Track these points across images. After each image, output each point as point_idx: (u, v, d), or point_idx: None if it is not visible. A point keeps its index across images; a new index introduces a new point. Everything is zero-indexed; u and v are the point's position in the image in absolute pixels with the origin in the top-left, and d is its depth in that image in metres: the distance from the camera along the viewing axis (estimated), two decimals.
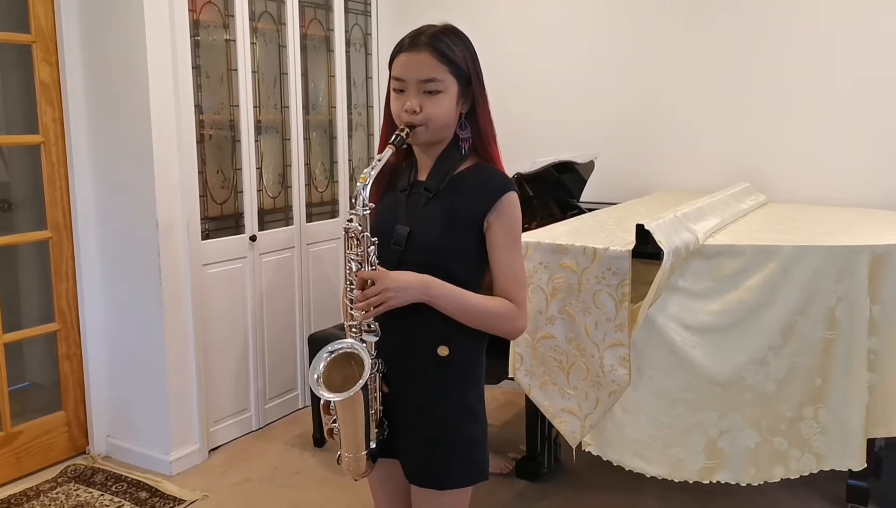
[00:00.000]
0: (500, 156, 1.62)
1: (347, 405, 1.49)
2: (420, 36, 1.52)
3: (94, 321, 3.19)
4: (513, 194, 1.55)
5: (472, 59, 1.57)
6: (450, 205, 1.54)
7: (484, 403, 1.65)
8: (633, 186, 3.62)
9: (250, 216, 3.41)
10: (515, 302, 1.54)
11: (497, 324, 1.56)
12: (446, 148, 1.58)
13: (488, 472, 1.64)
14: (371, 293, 1.46)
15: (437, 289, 1.50)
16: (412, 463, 1.61)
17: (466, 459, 1.59)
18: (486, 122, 1.60)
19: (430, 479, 1.59)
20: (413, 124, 1.51)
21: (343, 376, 1.50)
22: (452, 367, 1.57)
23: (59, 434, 3.17)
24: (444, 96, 1.52)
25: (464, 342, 1.57)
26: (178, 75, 2.99)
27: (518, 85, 3.89)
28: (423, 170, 1.60)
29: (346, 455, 1.58)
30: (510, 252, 1.55)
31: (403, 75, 1.52)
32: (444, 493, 1.59)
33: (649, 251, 2.19)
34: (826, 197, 3.27)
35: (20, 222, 3.36)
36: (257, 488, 2.98)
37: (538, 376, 2.39)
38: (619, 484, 2.88)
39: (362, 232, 1.47)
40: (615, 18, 3.68)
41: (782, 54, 3.33)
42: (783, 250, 2.28)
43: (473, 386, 1.62)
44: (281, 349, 3.63)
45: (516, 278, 1.55)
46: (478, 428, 1.62)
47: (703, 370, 2.30)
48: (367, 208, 1.47)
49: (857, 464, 2.31)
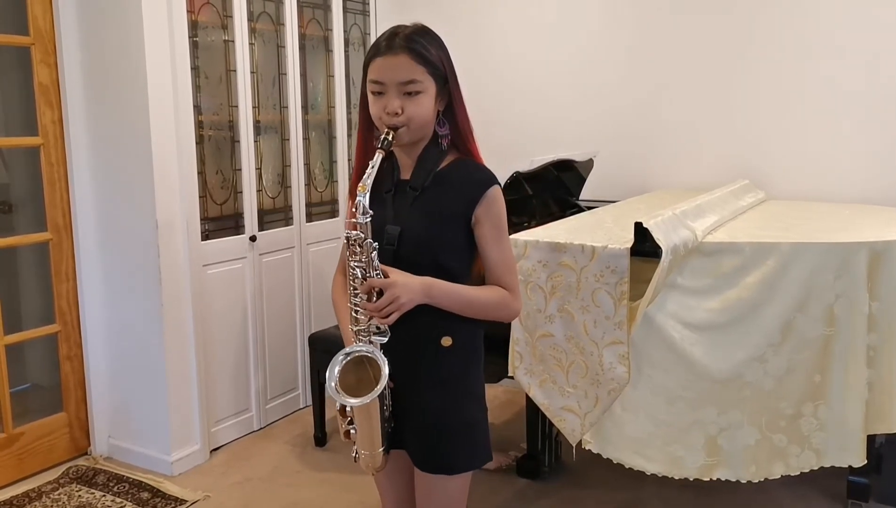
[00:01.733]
0: (478, 150, 1.66)
1: (364, 406, 1.53)
2: (395, 38, 1.55)
3: (95, 322, 3.20)
4: (496, 187, 1.61)
5: (447, 58, 1.60)
6: (437, 201, 1.59)
7: (484, 386, 1.72)
8: (632, 185, 3.62)
9: (250, 217, 3.41)
10: (508, 288, 1.61)
11: (495, 312, 1.62)
12: (427, 146, 1.62)
13: (491, 452, 1.70)
14: (383, 303, 1.50)
15: (437, 290, 1.56)
16: (420, 451, 1.64)
17: (473, 441, 1.65)
18: (463, 118, 1.64)
19: (440, 465, 1.63)
20: (395, 126, 1.53)
21: (357, 377, 1.54)
22: (455, 355, 1.62)
23: (60, 435, 3.18)
24: (423, 96, 1.55)
25: (465, 330, 1.63)
26: (177, 76, 2.99)
27: (517, 83, 3.89)
28: (406, 169, 1.64)
29: (363, 452, 1.61)
30: (499, 243, 1.61)
31: (382, 78, 1.54)
32: (452, 477, 1.63)
33: (648, 249, 2.19)
34: (825, 194, 3.27)
35: (20, 223, 3.37)
36: (258, 487, 2.99)
37: (537, 374, 2.40)
38: (619, 482, 2.89)
39: (364, 239, 1.50)
40: (614, 16, 3.68)
41: (781, 52, 3.32)
42: (782, 248, 2.28)
43: (475, 371, 1.68)
44: (281, 349, 3.64)
45: (507, 266, 1.62)
46: (481, 411, 1.69)
47: (702, 367, 2.30)
48: (367, 216, 1.50)
49: (857, 461, 2.31)
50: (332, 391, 1.51)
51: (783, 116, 3.36)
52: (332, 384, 1.51)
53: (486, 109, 3.82)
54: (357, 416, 1.57)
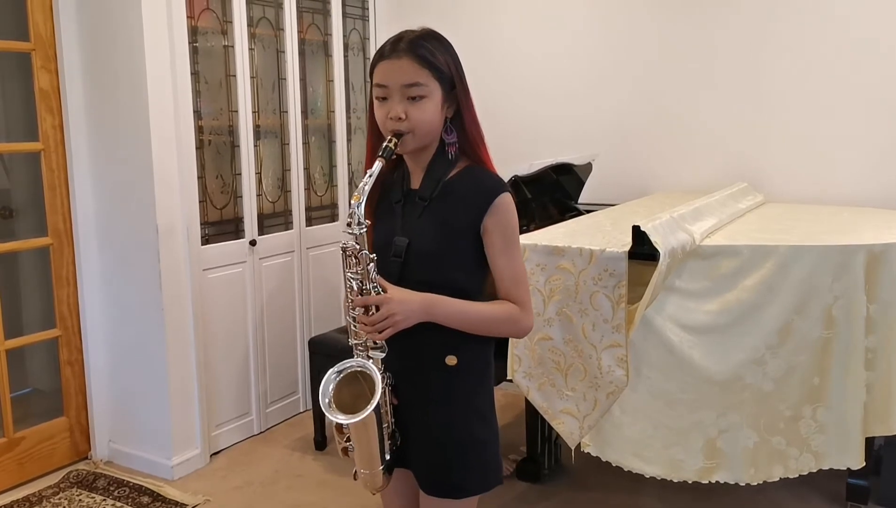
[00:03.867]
0: (489, 157, 1.59)
1: (360, 424, 1.47)
2: (400, 42, 1.50)
3: (95, 327, 3.20)
4: (506, 194, 1.52)
5: (455, 63, 1.54)
6: (445, 213, 1.52)
7: (494, 406, 1.64)
8: (631, 188, 3.62)
9: (250, 221, 3.42)
10: (518, 303, 1.53)
11: (502, 328, 1.55)
12: (435, 154, 1.56)
13: (502, 476, 1.62)
14: (377, 319, 1.45)
15: (440, 309, 1.49)
16: (426, 473, 1.59)
17: (480, 463, 1.57)
18: (472, 125, 1.57)
19: (445, 489, 1.57)
20: (400, 132, 1.48)
21: (353, 394, 1.48)
22: (461, 374, 1.55)
23: (61, 440, 3.19)
24: (428, 102, 1.49)
25: (471, 348, 1.56)
26: (177, 81, 3.00)
27: (516, 86, 3.90)
28: (415, 178, 1.59)
29: (362, 471, 1.56)
30: (509, 254, 1.52)
31: (386, 82, 1.50)
32: (458, 501, 1.57)
33: (646, 252, 2.19)
34: (823, 197, 3.27)
35: (21, 228, 3.37)
36: (259, 491, 2.99)
37: (536, 377, 2.40)
38: (618, 485, 2.89)
39: (360, 250, 1.45)
40: (614, 20, 3.69)
41: (780, 55, 3.33)
42: (780, 250, 2.28)
43: (483, 390, 1.61)
44: (282, 353, 3.64)
45: (517, 279, 1.53)
46: (489, 432, 1.60)
47: (701, 369, 2.30)
48: (363, 227, 1.45)
49: (855, 463, 2.31)
50: (325, 408, 1.45)
51: (781, 118, 3.36)
52: (325, 401, 1.46)
53: (485, 112, 3.83)
54: (354, 434, 1.51)
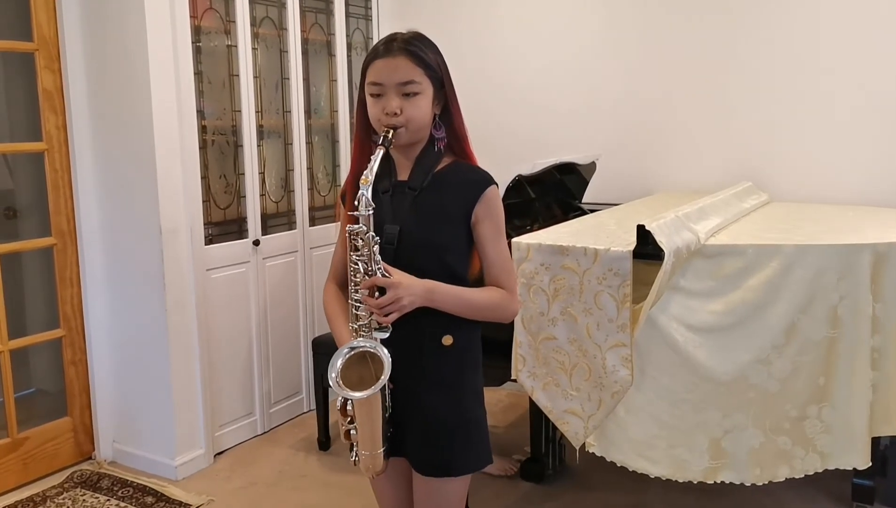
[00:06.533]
0: (474, 154, 1.70)
1: (365, 403, 1.53)
2: (393, 42, 1.59)
3: (99, 327, 3.20)
4: (494, 187, 1.64)
5: (443, 63, 1.64)
6: (436, 201, 1.62)
7: (482, 388, 1.73)
8: (635, 187, 3.62)
9: (253, 221, 3.42)
10: (506, 288, 1.64)
11: (494, 314, 1.65)
12: (424, 148, 1.65)
13: (491, 455, 1.70)
14: (385, 302, 1.51)
15: (439, 294, 1.58)
16: (422, 454, 1.65)
17: (473, 442, 1.65)
18: (459, 122, 1.67)
19: (439, 467, 1.64)
20: (394, 126, 1.56)
21: (359, 375, 1.54)
22: (455, 354, 1.64)
23: (64, 440, 3.19)
24: (421, 98, 1.58)
25: (464, 330, 1.65)
26: (180, 81, 3.00)
27: (519, 87, 3.89)
28: (403, 170, 1.66)
29: (364, 452, 1.60)
30: (497, 243, 1.64)
31: (381, 80, 1.57)
32: (451, 480, 1.64)
33: (650, 252, 2.19)
34: (828, 196, 3.26)
35: (25, 229, 3.38)
36: (263, 492, 2.99)
37: (541, 377, 2.39)
38: (623, 485, 2.88)
39: (367, 232, 1.51)
40: (616, 20, 3.68)
41: (784, 54, 3.32)
42: (785, 250, 2.27)
43: (475, 371, 1.70)
44: (285, 353, 3.64)
45: (504, 266, 1.65)
46: (480, 412, 1.70)
47: (706, 369, 2.29)
48: (370, 209, 1.51)
49: (861, 463, 2.30)
50: (333, 385, 1.50)
51: (786, 118, 3.35)
52: (333, 376, 1.50)
53: (489, 112, 3.83)
54: (358, 413, 1.56)
